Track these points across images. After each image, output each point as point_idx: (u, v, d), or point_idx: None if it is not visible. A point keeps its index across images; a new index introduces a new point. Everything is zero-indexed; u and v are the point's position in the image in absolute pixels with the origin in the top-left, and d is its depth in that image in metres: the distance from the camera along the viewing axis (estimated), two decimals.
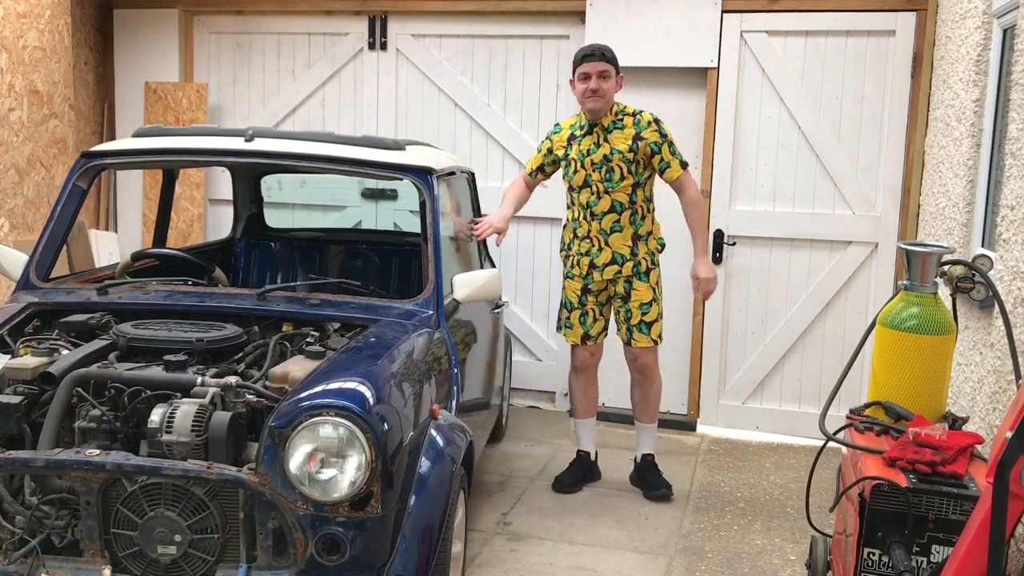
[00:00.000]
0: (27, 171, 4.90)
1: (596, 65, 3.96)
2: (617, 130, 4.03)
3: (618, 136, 4.02)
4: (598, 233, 4.07)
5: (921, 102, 4.81)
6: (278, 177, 5.65)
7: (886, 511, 2.29)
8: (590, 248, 4.10)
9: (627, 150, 3.99)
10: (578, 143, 4.09)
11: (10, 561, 2.31)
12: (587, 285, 4.14)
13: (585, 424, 4.36)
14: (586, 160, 4.04)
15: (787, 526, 3.96)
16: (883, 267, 5.01)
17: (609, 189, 4.02)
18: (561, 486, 4.26)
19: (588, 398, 4.32)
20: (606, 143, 4.02)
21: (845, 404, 3.34)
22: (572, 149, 4.10)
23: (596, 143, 4.04)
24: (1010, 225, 2.98)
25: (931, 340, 2.66)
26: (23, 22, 4.80)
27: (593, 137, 4.05)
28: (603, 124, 4.04)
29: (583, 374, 4.28)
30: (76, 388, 2.48)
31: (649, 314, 4.10)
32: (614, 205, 4.03)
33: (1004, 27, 3.65)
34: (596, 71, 3.96)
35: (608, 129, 4.03)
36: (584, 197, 4.07)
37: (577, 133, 4.11)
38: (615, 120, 4.04)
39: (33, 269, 3.27)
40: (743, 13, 5.03)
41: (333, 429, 2.27)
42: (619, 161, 3.99)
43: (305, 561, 2.29)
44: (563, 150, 4.14)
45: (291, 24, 5.79)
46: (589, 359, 4.25)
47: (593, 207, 4.06)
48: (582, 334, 4.19)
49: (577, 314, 4.18)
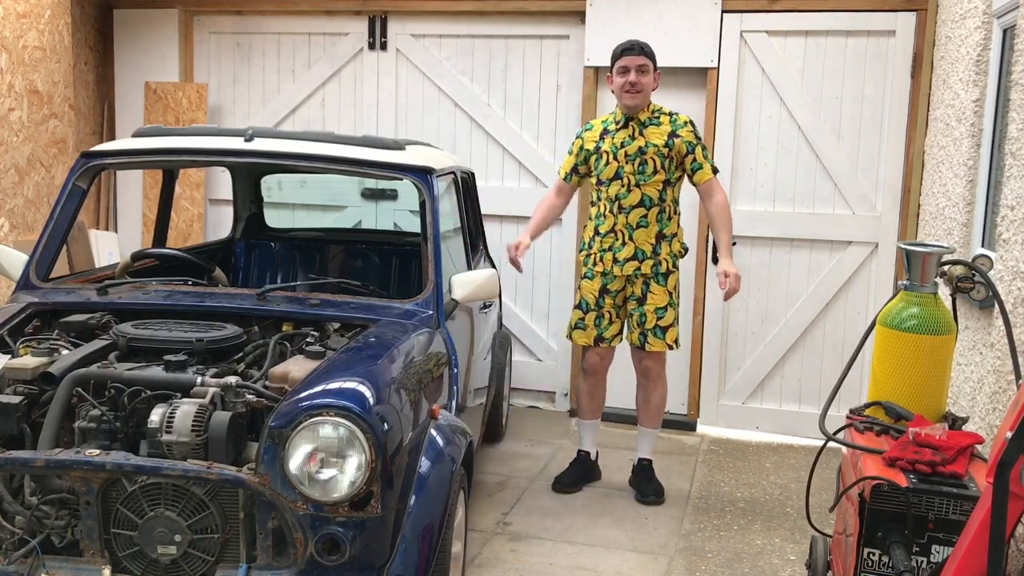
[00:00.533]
0: (27, 171, 4.90)
1: (635, 59, 3.95)
2: (653, 126, 4.02)
3: (654, 131, 4.01)
4: (623, 227, 4.03)
5: (921, 102, 4.81)
6: (278, 177, 5.65)
7: (886, 511, 2.29)
8: (613, 243, 4.05)
9: (662, 145, 3.98)
10: (611, 136, 4.07)
11: (10, 561, 2.31)
12: (605, 285, 4.09)
13: (589, 425, 4.34)
14: (619, 152, 4.02)
15: (787, 526, 3.96)
16: (883, 267, 5.01)
17: (641, 182, 3.99)
18: (561, 486, 4.25)
19: (595, 401, 4.30)
20: (641, 136, 4.01)
21: (845, 404, 3.33)
22: (604, 142, 4.08)
23: (631, 136, 4.03)
24: (1010, 225, 2.98)
25: (931, 340, 2.66)
26: (23, 22, 4.80)
27: (628, 130, 4.04)
28: (639, 119, 4.04)
29: (592, 377, 4.24)
30: (76, 388, 2.48)
31: (665, 318, 4.05)
32: (643, 199, 4.00)
33: (1004, 27, 3.65)
34: (635, 65, 3.95)
35: (644, 124, 4.03)
36: (613, 190, 4.03)
37: (611, 127, 4.09)
38: (652, 116, 4.05)
39: (33, 269, 3.27)
40: (743, 13, 5.03)
41: (333, 429, 2.27)
42: (653, 154, 3.98)
43: (305, 561, 2.29)
44: (594, 144, 4.11)
45: (291, 24, 5.79)
46: (599, 363, 4.21)
47: (622, 199, 4.02)
48: (595, 336, 4.13)
49: (593, 316, 4.12)
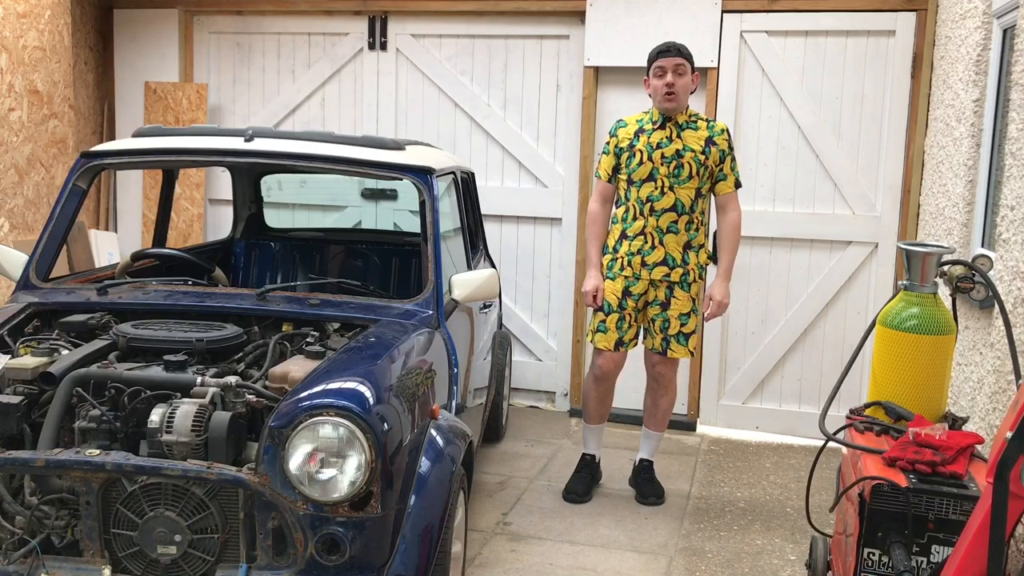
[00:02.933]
0: (27, 171, 4.90)
1: (672, 60, 3.85)
2: (691, 129, 3.93)
3: (691, 135, 3.92)
4: (653, 230, 3.91)
5: (921, 102, 4.81)
6: (278, 177, 5.65)
7: (886, 511, 2.29)
8: (642, 246, 3.92)
9: (700, 151, 3.89)
10: (647, 135, 3.94)
11: (10, 561, 2.31)
12: (628, 287, 3.95)
13: (596, 429, 4.22)
14: (655, 153, 3.90)
15: (787, 526, 3.96)
16: (883, 267, 5.01)
17: (675, 186, 3.89)
18: (575, 496, 4.11)
19: (604, 406, 4.17)
20: (679, 139, 3.91)
21: (845, 404, 3.34)
22: (639, 140, 3.94)
23: (669, 137, 3.91)
24: (1010, 225, 2.98)
25: (931, 340, 2.66)
26: (23, 22, 4.80)
27: (666, 131, 3.92)
28: (678, 120, 3.94)
29: (603, 383, 4.09)
30: (76, 388, 2.48)
31: (688, 325, 3.96)
32: (676, 204, 3.90)
33: (1004, 27, 3.65)
34: (672, 66, 3.84)
35: (682, 127, 3.93)
36: (646, 191, 3.91)
37: (647, 127, 3.96)
38: (689, 120, 3.95)
39: (33, 269, 3.27)
40: (743, 13, 5.03)
41: (333, 429, 2.27)
42: (691, 159, 3.88)
43: (305, 561, 2.29)
44: (628, 141, 3.96)
45: (291, 24, 5.79)
46: (612, 368, 4.05)
47: (655, 202, 3.90)
48: (616, 339, 3.97)
49: (615, 318, 3.96)
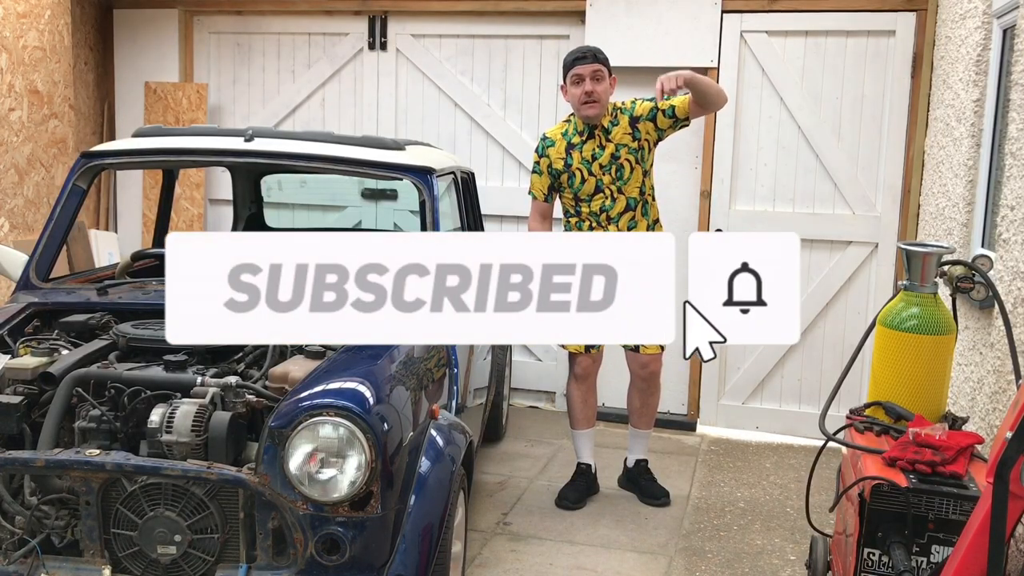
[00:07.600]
0: (27, 171, 4.90)
1: (588, 67, 3.82)
2: (615, 126, 3.91)
3: (619, 132, 3.90)
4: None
5: (921, 102, 4.81)
6: (278, 177, 5.64)
7: (886, 511, 2.29)
8: None
9: (631, 141, 3.89)
10: (579, 151, 3.91)
11: (10, 561, 2.31)
12: None
13: (585, 435, 4.20)
14: (593, 165, 3.89)
15: (787, 526, 3.96)
16: (883, 267, 5.00)
17: (622, 188, 3.91)
18: (568, 503, 4.08)
19: (588, 407, 4.16)
20: (609, 143, 3.90)
21: (845, 404, 3.33)
22: (573, 159, 3.91)
23: (600, 145, 3.90)
24: (1010, 225, 2.98)
25: (931, 340, 2.65)
26: (23, 22, 4.80)
27: (595, 140, 3.90)
28: (603, 125, 3.92)
29: (584, 383, 4.12)
30: (76, 388, 2.48)
31: None
32: (629, 203, 3.92)
33: (1004, 27, 3.65)
34: (589, 72, 3.81)
35: (608, 129, 3.91)
36: (597, 203, 3.91)
37: (575, 140, 3.93)
38: (612, 119, 3.92)
39: (33, 269, 3.27)
40: (743, 13, 5.03)
41: (333, 429, 2.27)
42: (626, 155, 3.88)
43: (305, 561, 2.29)
44: (562, 162, 3.93)
45: (291, 24, 5.79)
46: (591, 366, 4.08)
47: (609, 211, 3.92)
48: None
49: None
